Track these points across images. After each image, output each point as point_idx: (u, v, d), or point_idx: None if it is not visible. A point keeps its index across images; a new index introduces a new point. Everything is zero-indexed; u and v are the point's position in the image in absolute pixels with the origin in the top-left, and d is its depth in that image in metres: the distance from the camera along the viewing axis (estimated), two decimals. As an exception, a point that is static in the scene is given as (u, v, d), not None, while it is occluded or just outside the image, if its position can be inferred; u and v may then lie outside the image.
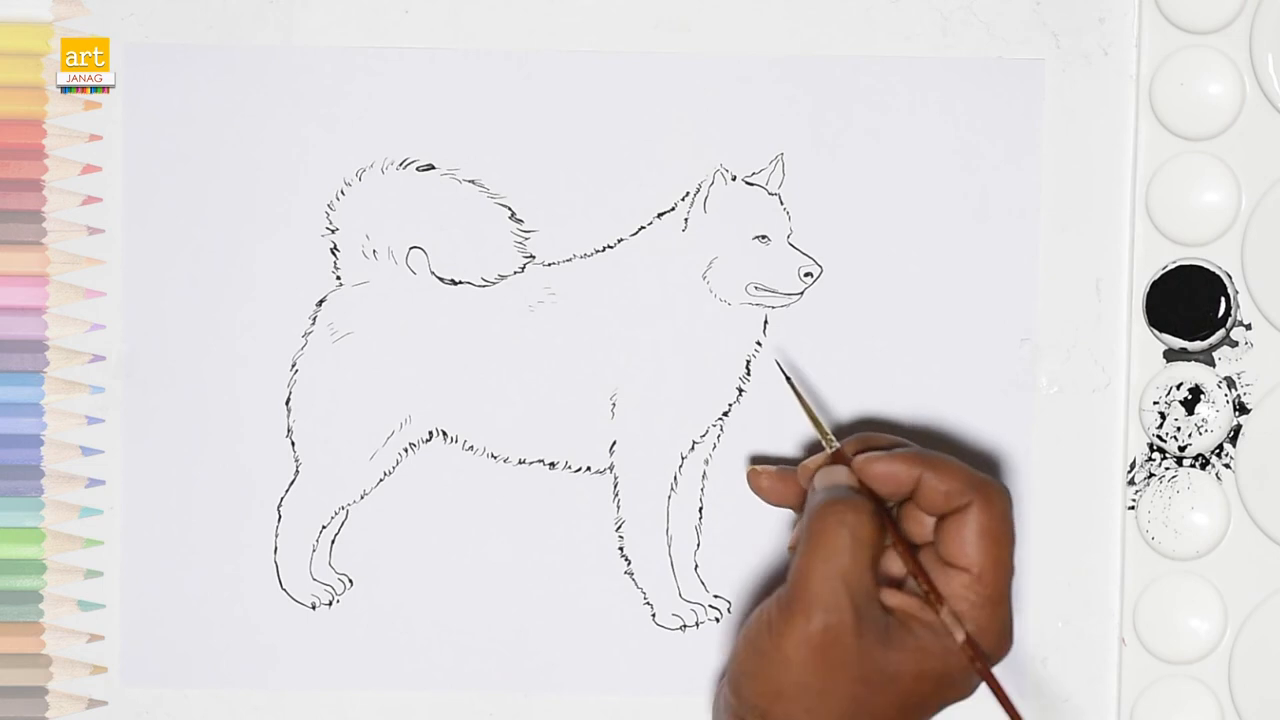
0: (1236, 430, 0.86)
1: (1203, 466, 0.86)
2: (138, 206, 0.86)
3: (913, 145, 0.86)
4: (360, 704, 0.87)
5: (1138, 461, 0.86)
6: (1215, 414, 0.86)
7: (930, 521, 0.78)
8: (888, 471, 0.77)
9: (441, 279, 0.86)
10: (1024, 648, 0.87)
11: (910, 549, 0.77)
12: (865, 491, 0.78)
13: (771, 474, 0.83)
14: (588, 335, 0.86)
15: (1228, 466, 0.87)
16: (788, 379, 0.84)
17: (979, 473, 0.77)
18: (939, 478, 0.76)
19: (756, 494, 0.83)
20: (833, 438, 0.81)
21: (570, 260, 0.86)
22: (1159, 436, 0.86)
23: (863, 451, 0.79)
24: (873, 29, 0.86)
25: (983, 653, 0.76)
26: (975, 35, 0.86)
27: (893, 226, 0.86)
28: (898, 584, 0.78)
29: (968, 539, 0.76)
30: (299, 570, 0.87)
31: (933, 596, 0.76)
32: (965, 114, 0.86)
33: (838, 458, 0.79)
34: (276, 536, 0.87)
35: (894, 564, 0.78)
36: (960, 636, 0.75)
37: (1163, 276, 0.86)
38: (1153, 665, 0.87)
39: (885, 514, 0.78)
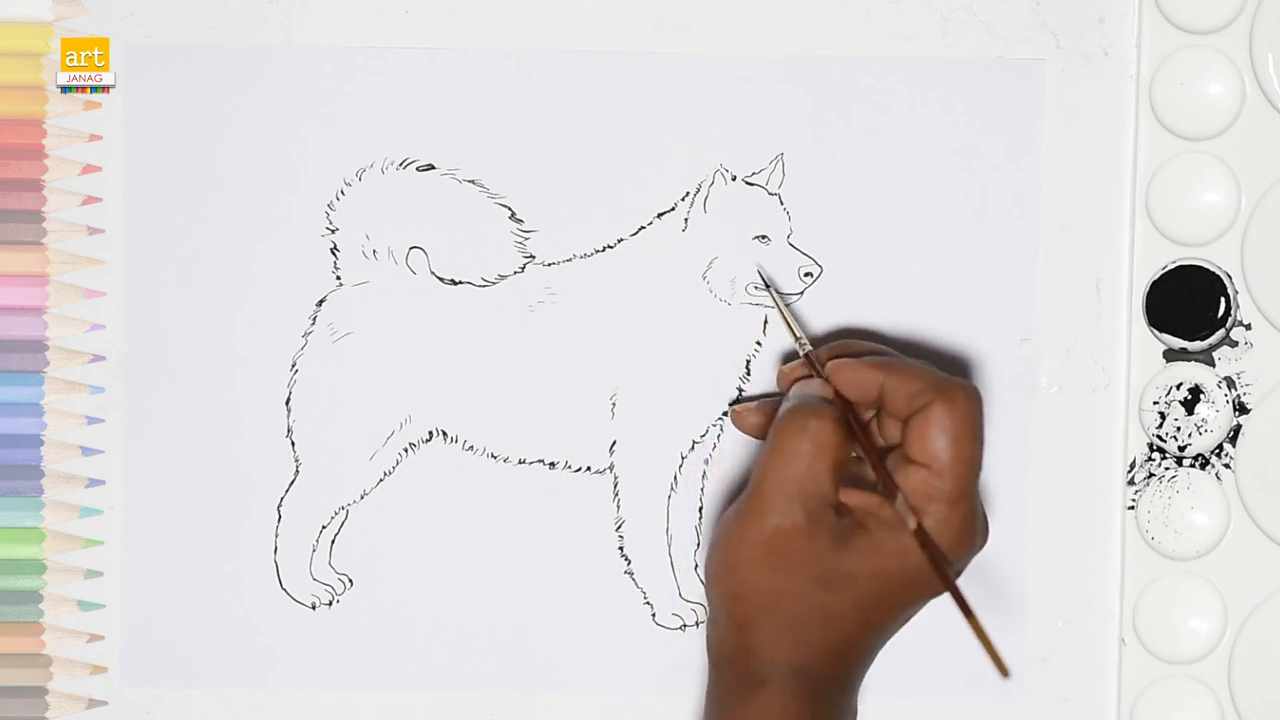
0: (1236, 430, 0.86)
1: (1202, 466, 0.86)
2: (138, 206, 0.86)
3: (913, 145, 0.86)
4: (360, 704, 0.87)
5: (1138, 461, 0.86)
6: (1215, 414, 0.86)
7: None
8: (853, 378, 0.78)
9: (441, 279, 0.86)
10: (1024, 648, 0.87)
11: (873, 447, 0.78)
12: (840, 401, 0.78)
13: (754, 409, 0.83)
14: (588, 335, 0.86)
15: (1228, 466, 0.87)
16: (767, 286, 0.84)
17: (944, 375, 0.77)
18: (901, 380, 0.77)
19: (746, 433, 0.83)
20: (806, 341, 0.82)
21: (570, 260, 0.86)
22: (1159, 436, 0.86)
23: (835, 358, 0.79)
24: (873, 29, 0.86)
25: (934, 543, 0.75)
26: (975, 35, 0.86)
27: (893, 226, 0.86)
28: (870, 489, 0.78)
29: (928, 435, 0.76)
30: (299, 570, 0.87)
31: (888, 488, 0.76)
32: (965, 114, 0.86)
33: (810, 362, 0.80)
34: (276, 536, 0.87)
35: (869, 472, 0.78)
36: (911, 524, 0.75)
37: (1163, 276, 0.86)
38: (1153, 665, 0.87)
39: (854, 419, 0.78)
